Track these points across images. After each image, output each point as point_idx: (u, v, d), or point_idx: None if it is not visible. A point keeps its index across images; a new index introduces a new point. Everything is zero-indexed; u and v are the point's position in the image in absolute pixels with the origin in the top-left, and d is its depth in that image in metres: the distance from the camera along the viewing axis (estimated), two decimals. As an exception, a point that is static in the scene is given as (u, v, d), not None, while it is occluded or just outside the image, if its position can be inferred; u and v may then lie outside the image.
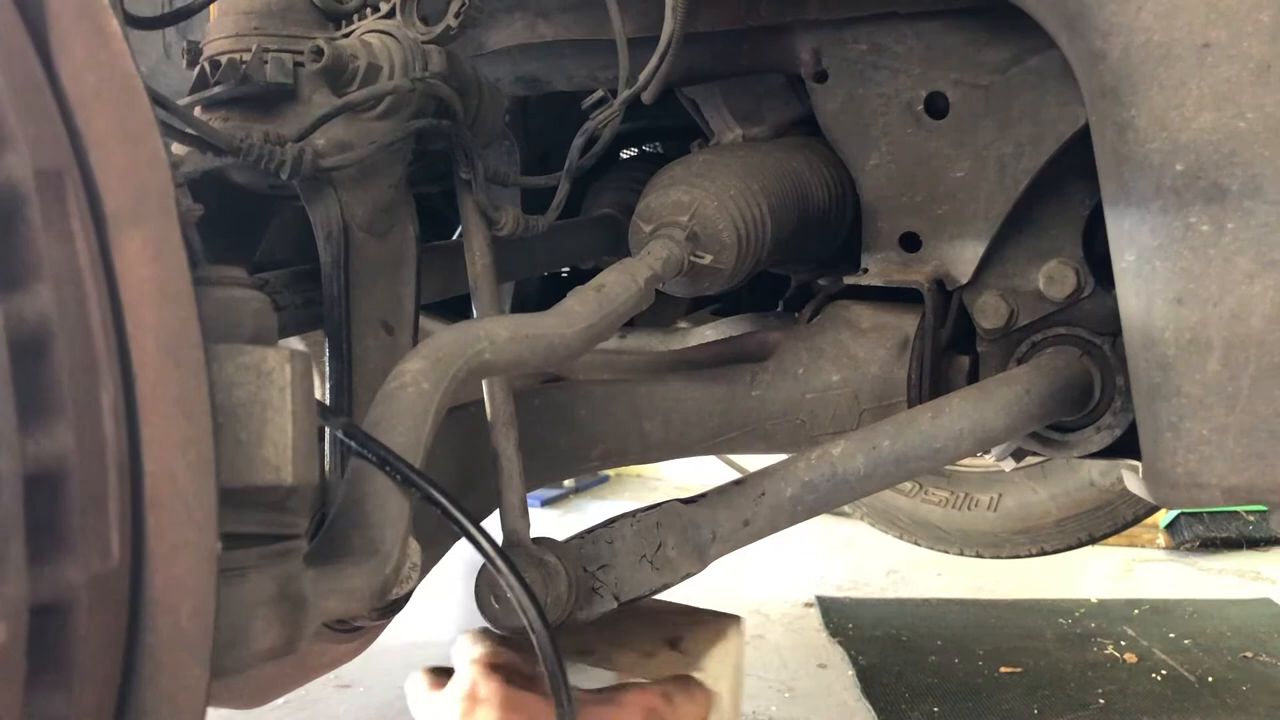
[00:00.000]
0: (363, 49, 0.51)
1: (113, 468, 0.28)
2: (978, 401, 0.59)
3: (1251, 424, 0.50)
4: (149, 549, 0.29)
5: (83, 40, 0.30)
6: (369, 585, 0.37)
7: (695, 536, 0.54)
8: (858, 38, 0.65)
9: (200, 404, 0.30)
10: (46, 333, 0.28)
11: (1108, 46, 0.50)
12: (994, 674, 1.40)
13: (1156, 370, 0.52)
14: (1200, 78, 0.48)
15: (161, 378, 0.29)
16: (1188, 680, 1.37)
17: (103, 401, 0.28)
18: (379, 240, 0.54)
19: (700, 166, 0.64)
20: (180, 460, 0.29)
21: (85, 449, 0.28)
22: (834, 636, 1.57)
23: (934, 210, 0.66)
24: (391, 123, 0.52)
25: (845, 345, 0.67)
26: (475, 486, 0.61)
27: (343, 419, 0.38)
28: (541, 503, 2.42)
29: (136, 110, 0.30)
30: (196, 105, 0.51)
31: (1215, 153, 0.49)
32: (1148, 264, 0.51)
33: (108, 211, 0.29)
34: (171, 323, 0.30)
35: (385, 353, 0.54)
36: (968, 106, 0.63)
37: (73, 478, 0.28)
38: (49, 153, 0.28)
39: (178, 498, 0.29)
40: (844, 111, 0.67)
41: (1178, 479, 0.52)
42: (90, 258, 0.29)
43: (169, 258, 0.30)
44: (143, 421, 0.29)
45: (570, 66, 0.73)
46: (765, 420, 0.67)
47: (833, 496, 0.57)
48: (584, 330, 0.50)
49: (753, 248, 0.63)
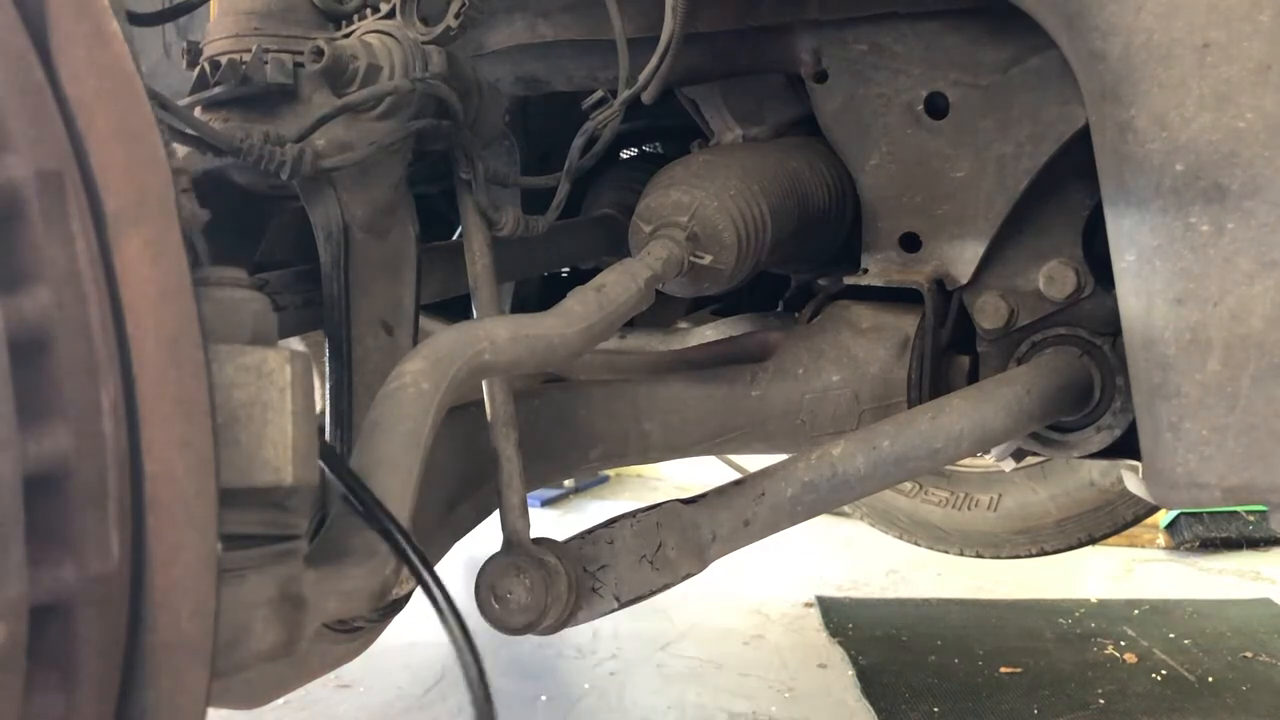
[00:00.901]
0: (363, 49, 0.51)
1: (113, 468, 0.28)
2: (978, 402, 0.59)
3: (1251, 424, 0.50)
4: (149, 550, 0.29)
5: (83, 41, 0.30)
6: (368, 586, 0.37)
7: (695, 537, 0.54)
8: (858, 38, 0.66)
9: (200, 405, 0.30)
10: (47, 333, 0.28)
11: (1108, 47, 0.50)
12: (994, 674, 1.40)
13: (1156, 370, 0.52)
14: (1200, 78, 0.48)
15: (162, 378, 0.29)
16: (1188, 680, 1.37)
17: (103, 402, 0.28)
18: (379, 240, 0.54)
19: (700, 167, 0.64)
20: (180, 461, 0.29)
21: (85, 449, 0.28)
22: (834, 636, 1.57)
23: (934, 210, 0.66)
24: (392, 123, 0.52)
25: (845, 345, 0.67)
26: (476, 487, 0.61)
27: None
28: (541, 503, 2.42)
29: (137, 111, 0.30)
30: (197, 105, 0.51)
31: (1215, 153, 0.49)
32: (1148, 264, 0.51)
33: (108, 212, 0.29)
34: (172, 323, 0.30)
35: (385, 353, 0.54)
36: (968, 107, 0.63)
37: (73, 478, 0.28)
38: (50, 153, 0.28)
39: (178, 498, 0.29)
40: (844, 111, 0.67)
41: (1177, 479, 0.52)
42: (90, 258, 0.29)
43: (169, 258, 0.30)
44: (143, 422, 0.29)
45: (570, 67, 0.73)
46: (765, 420, 0.67)
47: (833, 497, 0.57)
48: (584, 331, 0.50)
49: (753, 248, 0.63)
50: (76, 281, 0.28)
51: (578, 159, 0.60)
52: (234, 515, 0.32)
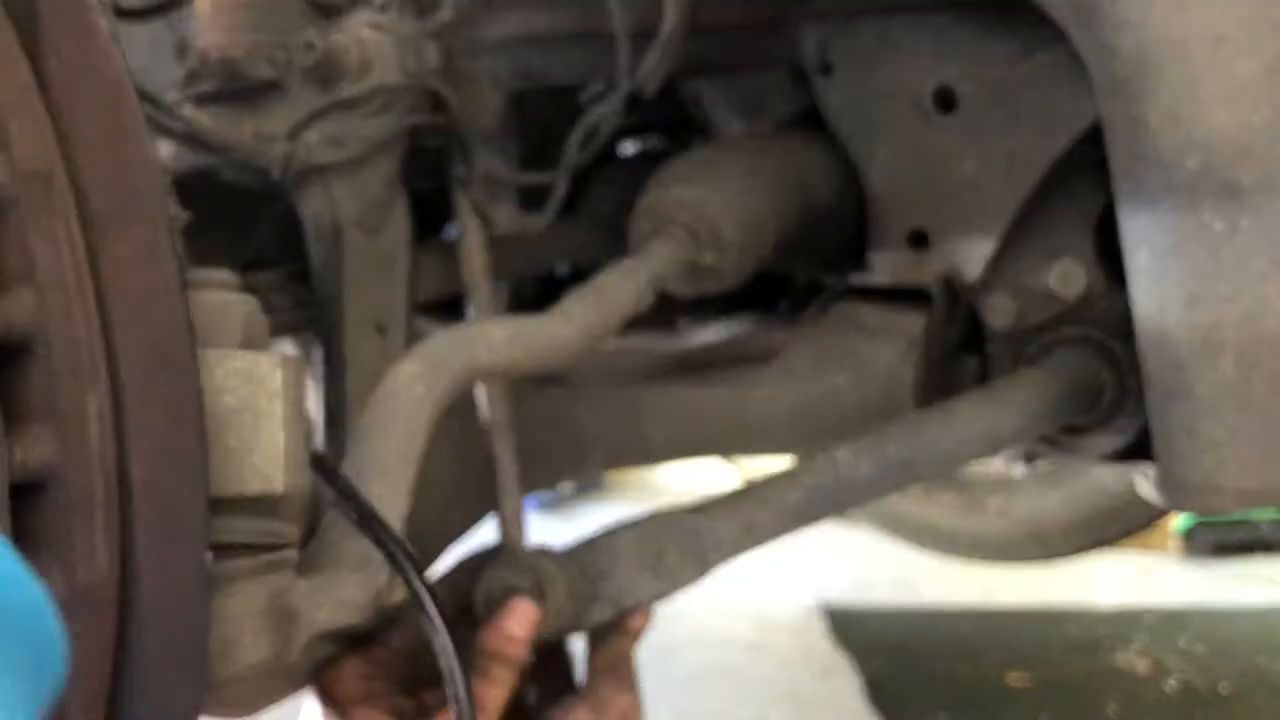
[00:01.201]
0: (355, 44, 0.51)
1: (100, 476, 0.28)
2: (987, 404, 0.58)
3: (1265, 426, 0.49)
4: (137, 559, 0.28)
5: (72, 40, 0.29)
6: (362, 596, 0.36)
7: (697, 543, 0.53)
8: (864, 30, 0.64)
9: (189, 411, 0.29)
10: (32, 337, 0.27)
11: (1120, 40, 0.49)
12: (1003, 683, 1.38)
13: (1169, 372, 0.51)
14: (1214, 73, 0.47)
15: (150, 384, 0.29)
16: (1201, 689, 1.34)
17: (89, 408, 0.28)
18: (371, 239, 0.53)
19: (702, 163, 0.63)
20: (169, 468, 0.29)
21: (71, 457, 0.27)
22: (839, 644, 1.55)
23: (942, 207, 0.65)
24: (385, 119, 0.51)
25: (851, 346, 0.66)
26: (471, 491, 0.60)
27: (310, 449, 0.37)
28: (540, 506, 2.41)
29: (125, 111, 0.30)
30: (186, 101, 0.51)
31: (1229, 149, 0.48)
32: (1160, 263, 0.50)
33: (95, 213, 0.29)
34: (160, 327, 0.29)
35: (378, 355, 0.53)
36: (977, 101, 0.62)
37: (59, 486, 0.27)
38: (36, 154, 0.28)
39: (167, 507, 0.29)
40: (850, 106, 0.66)
41: (1191, 483, 0.51)
42: (77, 260, 0.28)
43: (158, 261, 0.29)
44: (131, 428, 0.28)
45: (569, 60, 0.72)
46: (769, 423, 0.66)
47: (838, 502, 0.56)
48: (583, 332, 0.49)
49: (755, 246, 0.62)
50: (63, 284, 0.28)
51: (576, 154, 0.60)
52: (224, 524, 0.31)
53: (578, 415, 0.66)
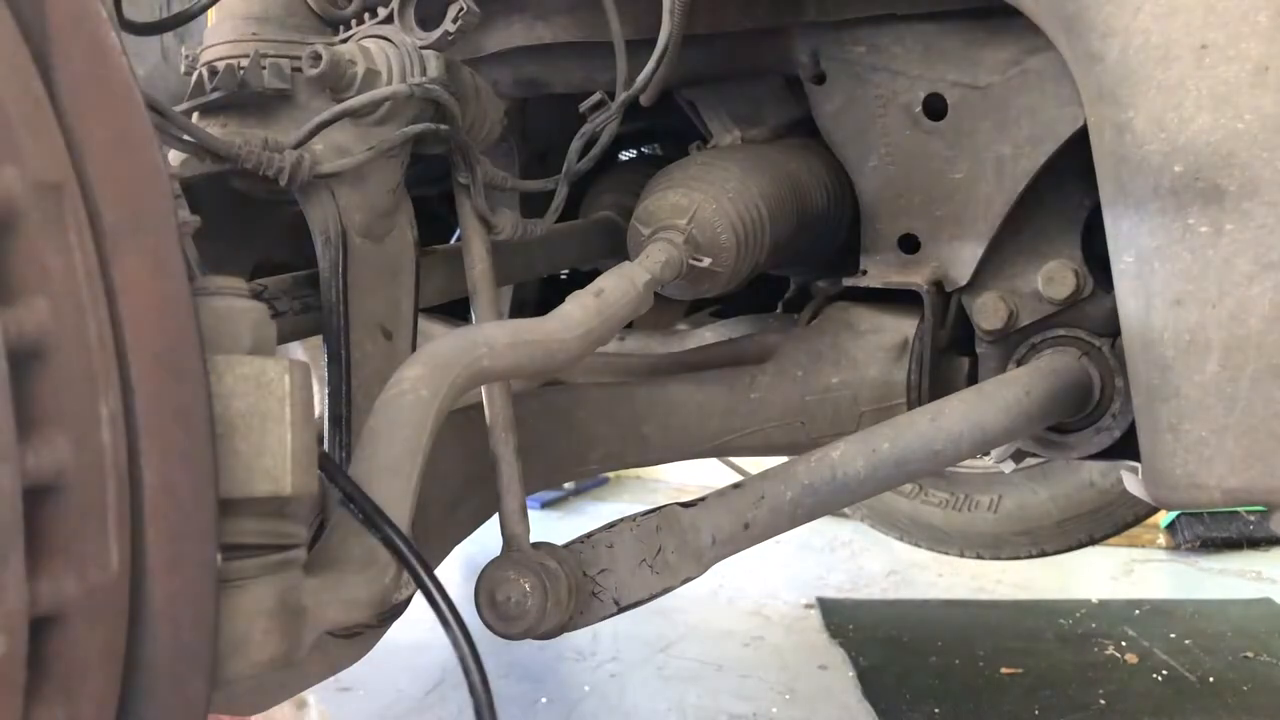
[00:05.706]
0: (361, 54, 0.51)
1: (112, 479, 0.28)
2: (977, 404, 0.59)
3: (1250, 425, 0.50)
4: (148, 560, 0.29)
5: (82, 53, 0.30)
6: (369, 594, 0.37)
7: (695, 540, 0.54)
8: (856, 39, 0.65)
9: (199, 415, 0.30)
10: (45, 344, 0.28)
11: (1106, 48, 0.50)
12: (995, 675, 1.40)
13: (1155, 372, 0.52)
14: (1198, 79, 0.48)
15: (160, 389, 0.29)
16: (1188, 681, 1.36)
17: (101, 413, 0.28)
18: (377, 245, 0.54)
19: (698, 169, 0.64)
20: (179, 471, 0.29)
21: (84, 461, 0.28)
22: (834, 638, 1.57)
23: (933, 212, 0.66)
24: (389, 128, 0.52)
25: (844, 347, 0.67)
26: (475, 490, 0.61)
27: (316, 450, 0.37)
28: (541, 505, 2.42)
29: (135, 123, 0.30)
30: (194, 111, 0.51)
31: (1213, 154, 0.49)
32: (1146, 265, 0.51)
33: (106, 223, 0.29)
34: (170, 334, 0.30)
35: (383, 358, 0.54)
36: (966, 108, 0.63)
37: (72, 489, 0.28)
38: (48, 165, 0.28)
39: (177, 509, 0.29)
40: (842, 113, 0.67)
41: (1177, 480, 0.52)
42: (89, 270, 0.29)
43: (168, 269, 0.30)
44: (141, 433, 0.29)
45: (568, 69, 0.73)
46: (764, 423, 0.67)
47: (833, 499, 0.57)
48: (583, 335, 0.50)
49: (751, 250, 0.63)
50: (75, 293, 0.28)
51: (576, 161, 0.60)
52: (233, 525, 0.32)
53: (578, 415, 0.67)
